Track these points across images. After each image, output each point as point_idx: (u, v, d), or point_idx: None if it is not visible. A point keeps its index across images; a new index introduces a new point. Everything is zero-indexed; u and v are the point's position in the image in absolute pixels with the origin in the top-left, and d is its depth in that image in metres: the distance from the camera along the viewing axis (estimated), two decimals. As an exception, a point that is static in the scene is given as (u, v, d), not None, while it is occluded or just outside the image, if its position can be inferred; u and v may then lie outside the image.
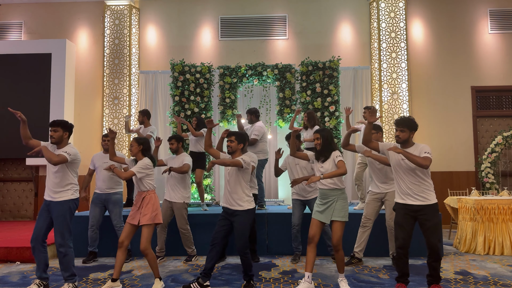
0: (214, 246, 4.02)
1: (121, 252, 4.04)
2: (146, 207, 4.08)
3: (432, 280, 3.82)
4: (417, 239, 5.31)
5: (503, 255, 5.52)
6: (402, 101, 7.98)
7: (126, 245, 4.07)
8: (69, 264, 3.95)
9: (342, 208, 3.97)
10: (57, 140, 3.96)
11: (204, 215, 5.75)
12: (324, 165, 4.04)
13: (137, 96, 8.64)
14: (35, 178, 8.51)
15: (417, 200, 3.74)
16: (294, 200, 5.16)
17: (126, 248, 4.07)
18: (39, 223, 3.95)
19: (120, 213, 5.32)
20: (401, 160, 3.78)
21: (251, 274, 4.08)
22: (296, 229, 5.09)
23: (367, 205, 4.99)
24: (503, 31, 8.44)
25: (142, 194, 4.13)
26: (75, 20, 8.88)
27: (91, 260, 5.30)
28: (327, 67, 7.44)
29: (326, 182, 4.00)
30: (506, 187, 7.18)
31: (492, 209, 5.62)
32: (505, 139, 7.45)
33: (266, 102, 7.96)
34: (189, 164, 5.12)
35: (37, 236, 3.92)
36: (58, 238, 3.90)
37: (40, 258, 3.96)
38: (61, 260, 3.93)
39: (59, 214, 3.90)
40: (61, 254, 3.91)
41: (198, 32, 8.75)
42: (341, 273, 4.02)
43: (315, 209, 4.08)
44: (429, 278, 3.84)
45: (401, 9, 8.20)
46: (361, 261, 5.02)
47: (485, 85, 8.36)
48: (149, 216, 4.05)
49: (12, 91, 8.25)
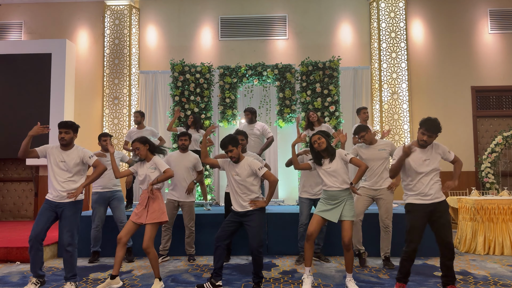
0: (219, 245, 3.99)
1: (119, 248, 4.06)
2: (153, 205, 4.09)
3: (447, 281, 3.73)
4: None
5: (503, 255, 5.52)
6: (402, 101, 7.98)
7: (125, 242, 4.08)
8: (73, 264, 3.97)
9: (351, 207, 3.97)
10: (68, 141, 3.98)
11: (206, 215, 5.75)
12: (331, 165, 3.99)
13: (137, 96, 8.64)
14: (35, 178, 8.50)
15: (436, 198, 3.72)
16: (304, 199, 5.08)
17: (124, 244, 4.08)
18: (40, 222, 3.93)
19: (124, 209, 5.36)
20: (424, 161, 3.72)
21: (261, 276, 4.01)
22: (303, 228, 5.00)
23: (357, 200, 4.85)
24: (503, 31, 8.44)
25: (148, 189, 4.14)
26: (75, 20, 8.88)
27: (97, 259, 5.30)
28: (327, 67, 7.44)
29: (338, 183, 3.96)
30: (506, 187, 7.18)
31: (492, 209, 5.62)
32: (505, 139, 7.45)
33: (266, 102, 7.97)
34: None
35: (37, 235, 3.91)
36: (68, 238, 3.90)
37: (37, 257, 3.95)
38: (68, 260, 3.94)
39: (71, 213, 3.94)
40: (69, 253, 3.92)
41: (198, 32, 8.75)
42: (349, 273, 3.99)
43: (320, 208, 4.03)
44: (444, 278, 3.74)
45: (401, 9, 8.20)
46: (365, 253, 5.00)
47: (485, 85, 8.36)
48: (156, 214, 4.06)
49: (12, 91, 8.25)
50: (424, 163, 3.73)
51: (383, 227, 4.85)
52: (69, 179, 3.97)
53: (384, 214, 4.82)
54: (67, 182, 3.96)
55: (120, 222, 5.27)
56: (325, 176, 4.02)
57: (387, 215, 4.82)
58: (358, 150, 4.93)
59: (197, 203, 6.85)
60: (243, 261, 5.25)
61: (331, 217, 3.95)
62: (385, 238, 4.87)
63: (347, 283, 3.99)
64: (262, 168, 3.96)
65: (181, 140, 5.18)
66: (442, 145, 3.82)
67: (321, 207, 4.04)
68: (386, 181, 4.83)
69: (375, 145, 4.85)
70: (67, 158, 3.98)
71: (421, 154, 3.77)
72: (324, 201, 4.04)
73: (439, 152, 3.79)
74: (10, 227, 7.35)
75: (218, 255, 3.98)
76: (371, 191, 4.86)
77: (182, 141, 5.18)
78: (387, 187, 4.81)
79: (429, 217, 3.73)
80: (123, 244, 4.07)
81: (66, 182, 3.96)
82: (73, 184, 3.98)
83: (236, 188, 4.02)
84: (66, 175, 3.96)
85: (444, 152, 3.80)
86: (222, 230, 4.02)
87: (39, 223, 3.94)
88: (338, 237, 5.29)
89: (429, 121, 3.69)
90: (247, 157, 4.08)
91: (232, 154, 3.95)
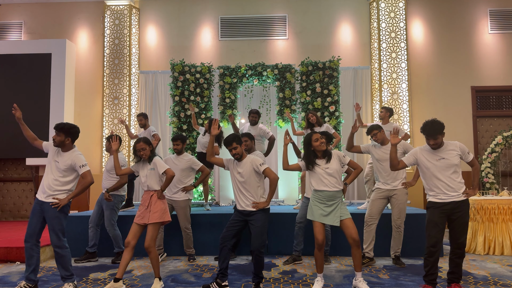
0: (224, 246, 3.97)
1: (127, 252, 4.04)
2: (155, 205, 4.09)
3: (453, 278, 3.77)
4: (417, 239, 5.32)
5: (503, 255, 5.52)
6: (402, 101, 7.98)
7: (133, 245, 4.06)
8: (66, 264, 3.94)
9: (345, 206, 4.00)
10: (58, 144, 3.96)
11: (206, 215, 5.75)
12: (330, 165, 3.95)
13: (137, 96, 8.64)
14: (35, 178, 8.50)
15: (459, 196, 3.70)
16: (306, 199, 5.03)
17: (132, 248, 4.06)
18: (32, 223, 3.92)
19: (110, 217, 5.24)
20: (439, 160, 3.72)
21: (261, 276, 3.99)
22: (298, 226, 5.01)
23: (372, 203, 4.91)
24: (503, 31, 8.44)
25: (151, 193, 4.14)
26: (75, 20, 8.88)
27: (86, 259, 5.29)
28: (327, 67, 7.44)
29: (335, 183, 3.93)
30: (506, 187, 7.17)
31: (492, 209, 5.62)
32: (505, 139, 7.45)
33: (266, 102, 7.97)
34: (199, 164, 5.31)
35: (30, 236, 3.89)
36: (54, 240, 3.88)
37: (32, 260, 3.92)
38: (59, 261, 3.92)
39: (54, 215, 3.87)
40: (58, 254, 3.90)
41: (198, 32, 8.75)
42: (358, 271, 3.90)
43: (319, 212, 3.92)
44: (451, 275, 3.78)
45: (401, 9, 8.20)
46: (373, 260, 4.95)
47: (485, 85, 8.36)
48: (158, 214, 4.06)
49: (12, 91, 8.25)
50: (440, 162, 3.73)
51: (395, 227, 4.86)
52: (58, 179, 3.91)
53: (396, 215, 4.84)
54: (55, 182, 3.91)
55: (106, 227, 5.25)
56: (323, 177, 3.94)
57: (399, 216, 4.83)
58: (370, 149, 4.96)
59: (197, 203, 6.85)
60: (243, 261, 5.25)
61: (332, 222, 3.89)
62: (397, 238, 4.89)
63: (358, 284, 3.90)
64: (263, 164, 3.97)
65: (174, 145, 5.26)
66: (462, 145, 3.78)
67: (318, 211, 3.93)
68: (401, 181, 4.84)
69: (388, 145, 4.86)
70: (60, 159, 3.95)
71: (435, 153, 3.77)
72: (320, 203, 3.93)
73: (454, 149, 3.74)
74: (10, 227, 7.35)
75: (224, 256, 3.97)
76: (385, 192, 4.88)
77: (174, 146, 5.26)
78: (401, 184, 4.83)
79: (449, 215, 3.73)
80: (131, 247, 4.05)
81: (55, 181, 3.91)
82: (59, 186, 3.91)
83: (240, 187, 4.02)
84: (57, 174, 3.93)
85: (463, 152, 3.75)
86: (227, 230, 4.01)
87: (31, 224, 3.92)
88: (337, 238, 5.31)
89: (427, 126, 3.71)
90: (249, 155, 4.09)
91: (236, 152, 3.98)
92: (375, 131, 4.85)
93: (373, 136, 4.88)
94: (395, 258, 4.93)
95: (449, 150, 3.74)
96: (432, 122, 3.69)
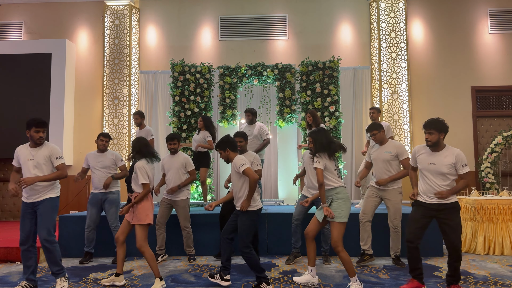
0: (223, 238, 4.13)
1: (118, 247, 4.18)
2: (138, 206, 4.14)
3: (451, 280, 3.81)
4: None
5: (503, 255, 5.52)
6: (402, 101, 7.98)
7: (122, 240, 4.17)
8: (56, 258, 3.94)
9: (337, 208, 3.89)
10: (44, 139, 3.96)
11: (205, 215, 5.74)
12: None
13: (137, 96, 8.64)
14: (35, 178, 8.49)
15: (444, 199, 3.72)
16: (303, 196, 5.08)
17: (122, 243, 4.17)
18: (25, 226, 3.92)
19: (116, 213, 5.25)
20: (430, 165, 3.76)
21: (259, 275, 3.99)
22: (295, 224, 5.02)
23: (366, 200, 4.96)
24: (503, 31, 8.44)
25: (135, 194, 4.20)
26: (75, 20, 8.88)
27: (88, 260, 5.28)
28: (327, 67, 7.43)
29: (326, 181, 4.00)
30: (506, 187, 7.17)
31: (492, 209, 5.62)
32: (505, 139, 7.45)
33: (266, 102, 7.97)
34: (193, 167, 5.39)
35: (26, 237, 3.91)
36: (44, 233, 3.86)
37: (29, 261, 3.94)
38: (48, 256, 3.92)
39: (46, 210, 3.90)
40: (48, 250, 3.88)
41: (198, 32, 8.75)
42: (351, 276, 3.85)
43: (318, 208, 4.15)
44: (449, 278, 3.82)
45: (401, 9, 8.20)
46: (372, 257, 4.96)
47: (485, 85, 8.36)
48: (140, 216, 4.11)
49: (12, 91, 8.24)
50: (430, 167, 3.76)
51: (392, 227, 4.87)
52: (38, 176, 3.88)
53: (392, 216, 4.85)
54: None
55: (110, 226, 5.25)
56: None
57: (395, 216, 4.83)
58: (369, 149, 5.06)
59: (197, 203, 6.85)
60: (243, 261, 5.25)
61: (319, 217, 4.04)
62: (395, 239, 4.89)
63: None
64: (242, 165, 3.99)
65: (170, 144, 5.27)
66: (459, 153, 3.72)
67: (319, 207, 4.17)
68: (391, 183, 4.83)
69: (384, 146, 4.87)
70: (36, 155, 3.93)
71: (429, 157, 3.80)
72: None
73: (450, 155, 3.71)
74: (10, 227, 7.36)
75: (224, 248, 4.13)
76: (378, 191, 4.91)
77: (171, 145, 5.26)
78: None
79: (434, 216, 3.78)
80: (120, 243, 4.17)
81: None
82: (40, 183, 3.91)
83: (233, 186, 4.18)
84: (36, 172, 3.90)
85: (457, 163, 3.70)
86: (227, 224, 4.18)
87: (25, 228, 3.92)
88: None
89: (428, 120, 3.80)
90: (238, 156, 4.14)
91: (221, 157, 4.18)
92: (375, 131, 4.84)
93: (371, 136, 4.88)
94: (395, 258, 4.93)
95: (446, 155, 3.73)
96: (435, 118, 3.78)
